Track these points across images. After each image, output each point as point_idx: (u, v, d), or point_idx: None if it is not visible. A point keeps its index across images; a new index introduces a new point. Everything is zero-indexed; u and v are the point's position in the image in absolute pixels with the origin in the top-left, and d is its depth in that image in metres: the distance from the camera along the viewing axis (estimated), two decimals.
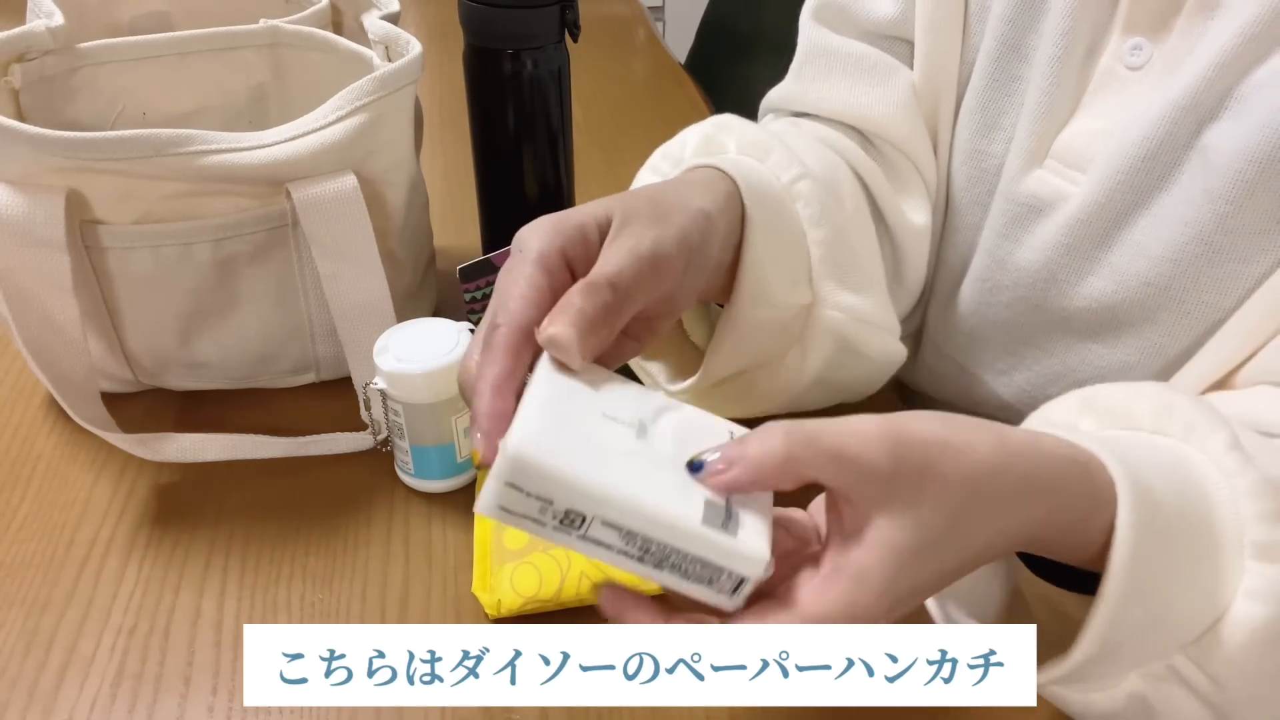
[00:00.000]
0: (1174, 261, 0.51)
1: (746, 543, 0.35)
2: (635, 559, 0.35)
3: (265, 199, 0.61)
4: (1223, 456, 0.39)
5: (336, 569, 0.57)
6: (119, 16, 0.77)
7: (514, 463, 0.34)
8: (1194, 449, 0.40)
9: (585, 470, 0.34)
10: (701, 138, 0.56)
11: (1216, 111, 0.48)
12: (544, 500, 0.34)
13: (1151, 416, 0.42)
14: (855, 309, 0.54)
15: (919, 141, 0.63)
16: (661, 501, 0.35)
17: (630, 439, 0.37)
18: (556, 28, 0.68)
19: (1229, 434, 0.39)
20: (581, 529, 0.35)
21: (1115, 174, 0.52)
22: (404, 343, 0.59)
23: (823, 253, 0.52)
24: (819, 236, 0.52)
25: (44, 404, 0.69)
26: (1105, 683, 0.41)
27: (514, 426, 0.35)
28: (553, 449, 0.34)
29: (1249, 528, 0.38)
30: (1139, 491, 0.37)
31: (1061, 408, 0.44)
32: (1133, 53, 0.52)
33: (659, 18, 2.29)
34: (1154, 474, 0.38)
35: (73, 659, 0.52)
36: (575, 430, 0.36)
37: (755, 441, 0.35)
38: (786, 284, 0.52)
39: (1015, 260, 0.59)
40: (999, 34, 0.57)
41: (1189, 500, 0.38)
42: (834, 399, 0.61)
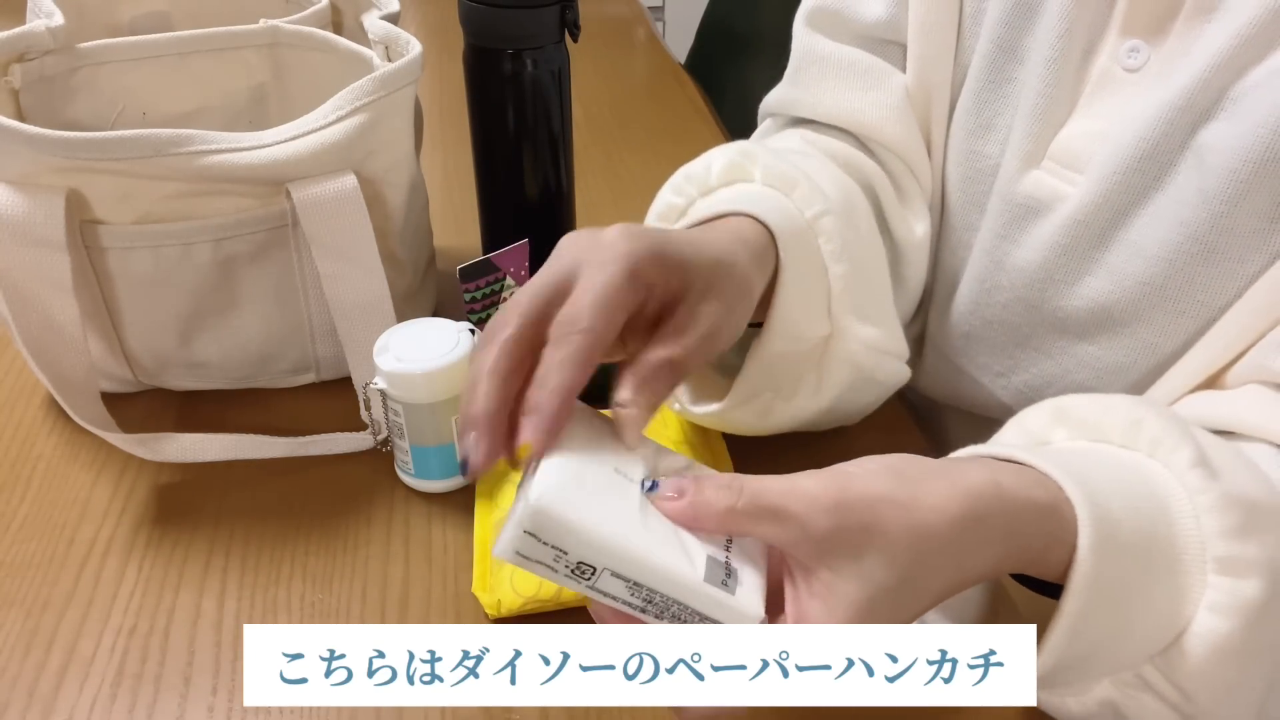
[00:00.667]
0: (1169, 261, 0.51)
1: (743, 600, 0.37)
2: (639, 609, 0.37)
3: (265, 199, 0.61)
4: (1186, 473, 0.40)
5: (336, 569, 0.57)
6: (119, 16, 0.77)
7: (535, 515, 0.36)
8: (1159, 464, 0.41)
9: (599, 526, 0.36)
10: (728, 163, 0.56)
11: (1212, 112, 0.48)
12: (559, 550, 0.36)
13: (1121, 431, 0.42)
14: (873, 340, 0.55)
15: (913, 145, 0.63)
16: (668, 559, 0.36)
17: (639, 495, 0.38)
18: (556, 28, 0.68)
19: (1194, 450, 0.40)
20: (591, 579, 0.37)
21: (1112, 174, 0.52)
22: (404, 343, 0.59)
23: (843, 286, 0.53)
24: (840, 271, 0.53)
25: (44, 404, 0.69)
26: (1075, 689, 0.41)
27: (537, 476, 0.37)
28: (572, 503, 0.36)
29: (1211, 543, 0.39)
30: (1098, 514, 0.38)
31: (1036, 417, 0.45)
32: (1130, 54, 0.53)
33: (659, 18, 2.29)
34: (1114, 494, 0.39)
35: (73, 659, 0.52)
36: (592, 484, 0.37)
37: (709, 486, 0.37)
38: (810, 319, 0.53)
39: (1013, 261, 0.59)
40: (994, 36, 0.57)
41: (1149, 518, 0.39)
42: (839, 421, 0.63)
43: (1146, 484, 0.40)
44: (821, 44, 0.64)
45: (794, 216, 0.52)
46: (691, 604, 0.37)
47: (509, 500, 0.58)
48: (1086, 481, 0.39)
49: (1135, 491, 0.40)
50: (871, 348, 0.55)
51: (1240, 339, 0.49)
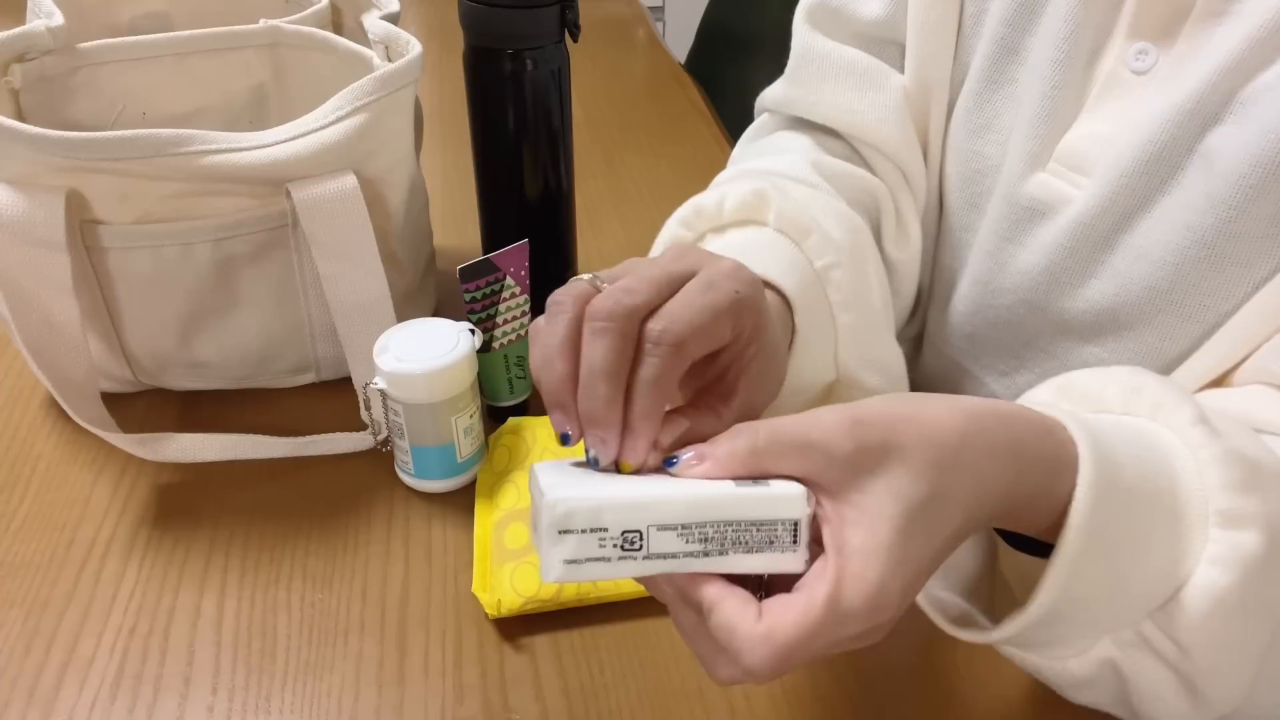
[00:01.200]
0: (1175, 265, 0.51)
1: (779, 487, 0.37)
2: (700, 554, 0.37)
3: (265, 199, 0.61)
4: (1188, 430, 0.40)
5: (336, 569, 0.57)
6: (119, 16, 0.77)
7: (554, 510, 0.36)
8: (1160, 425, 0.41)
9: (624, 491, 0.36)
10: (740, 202, 0.55)
11: (1220, 116, 0.48)
12: (600, 531, 0.36)
13: (1121, 398, 0.43)
14: (876, 388, 0.55)
15: (909, 148, 0.63)
16: (696, 489, 0.37)
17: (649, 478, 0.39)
18: (556, 28, 0.68)
19: (1194, 410, 0.40)
20: (642, 547, 0.36)
21: (1119, 177, 0.52)
22: (404, 343, 0.59)
23: (850, 337, 0.54)
24: (848, 321, 0.54)
25: (44, 404, 0.69)
26: (1075, 646, 0.41)
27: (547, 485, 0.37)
28: (585, 487, 0.37)
29: (1214, 496, 0.39)
30: (1100, 451, 0.38)
31: (1040, 394, 0.46)
32: (1138, 57, 0.52)
33: (659, 18, 2.29)
34: (1117, 440, 0.39)
35: (73, 659, 0.52)
36: (597, 479, 0.38)
37: (724, 440, 0.37)
38: (816, 370, 0.54)
39: (1017, 262, 0.59)
40: (996, 35, 0.57)
41: (1152, 467, 0.39)
42: None
43: (1149, 441, 0.40)
44: (821, 42, 0.65)
45: (805, 270, 0.53)
46: (738, 514, 0.36)
47: (509, 500, 0.58)
48: (1087, 424, 0.39)
49: (1138, 444, 0.40)
50: (870, 392, 0.55)
51: (1244, 344, 0.49)
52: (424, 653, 0.53)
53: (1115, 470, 0.38)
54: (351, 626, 0.54)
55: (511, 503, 0.58)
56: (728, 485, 0.37)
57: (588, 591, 0.54)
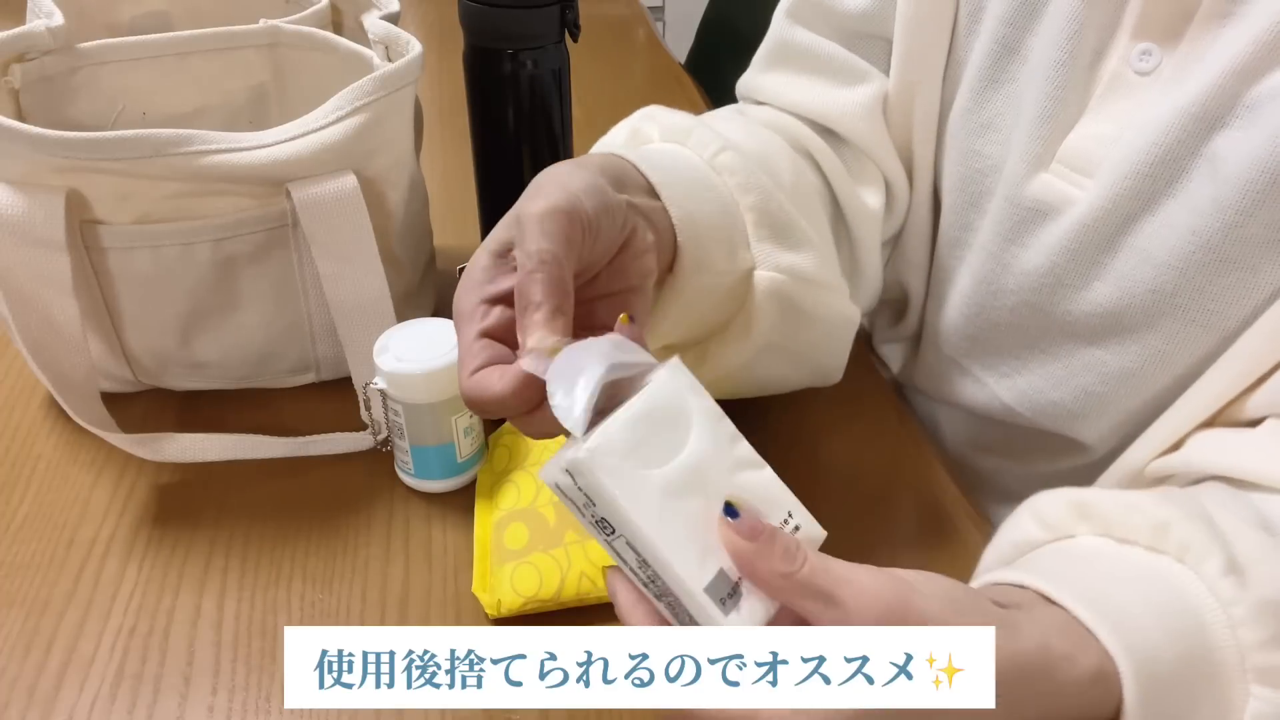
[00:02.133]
0: (1180, 270, 0.51)
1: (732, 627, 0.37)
2: (643, 583, 0.38)
3: (265, 199, 0.61)
4: (1218, 581, 0.39)
5: (336, 569, 0.57)
6: (119, 16, 0.77)
7: (575, 463, 0.36)
8: (1189, 571, 0.40)
9: (629, 499, 0.37)
10: (629, 131, 0.57)
11: (1227, 119, 0.48)
12: (589, 500, 0.37)
13: (1148, 534, 0.42)
14: (794, 267, 0.54)
15: (879, 144, 0.63)
16: (679, 553, 0.37)
17: (697, 482, 0.38)
18: (556, 28, 0.68)
19: (1223, 557, 0.40)
20: (611, 536, 0.37)
21: (1123, 179, 0.52)
22: (404, 343, 0.59)
23: (756, 217, 0.53)
24: (750, 202, 0.53)
25: (44, 404, 0.69)
26: None
27: (601, 428, 0.37)
28: (615, 469, 0.37)
29: (1250, 655, 0.38)
30: (1139, 660, 0.37)
31: (1054, 509, 0.44)
32: (1142, 58, 0.52)
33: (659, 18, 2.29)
34: (1152, 623, 0.38)
35: (73, 659, 0.52)
36: (647, 455, 0.38)
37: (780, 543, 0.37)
38: (724, 251, 0.52)
39: (1019, 264, 0.59)
40: (996, 34, 0.57)
41: (1186, 640, 0.39)
42: (802, 372, 0.61)
43: (1180, 598, 0.40)
44: (799, 35, 0.65)
45: (690, 160, 0.53)
46: (685, 605, 0.37)
47: (509, 500, 0.58)
48: (1126, 623, 0.38)
49: (1170, 610, 0.39)
50: (795, 275, 0.54)
51: (1259, 364, 0.49)
52: None
53: (1155, 668, 0.37)
54: (351, 626, 0.54)
55: (511, 503, 0.58)
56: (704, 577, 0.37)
57: (588, 591, 0.54)
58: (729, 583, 0.37)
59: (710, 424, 0.39)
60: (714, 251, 0.52)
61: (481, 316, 0.43)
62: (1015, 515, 0.46)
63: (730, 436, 0.40)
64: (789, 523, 0.39)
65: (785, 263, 0.54)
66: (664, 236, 0.50)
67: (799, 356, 0.59)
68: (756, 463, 0.40)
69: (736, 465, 0.39)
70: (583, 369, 0.37)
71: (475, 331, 0.42)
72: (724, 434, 0.40)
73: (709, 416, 0.39)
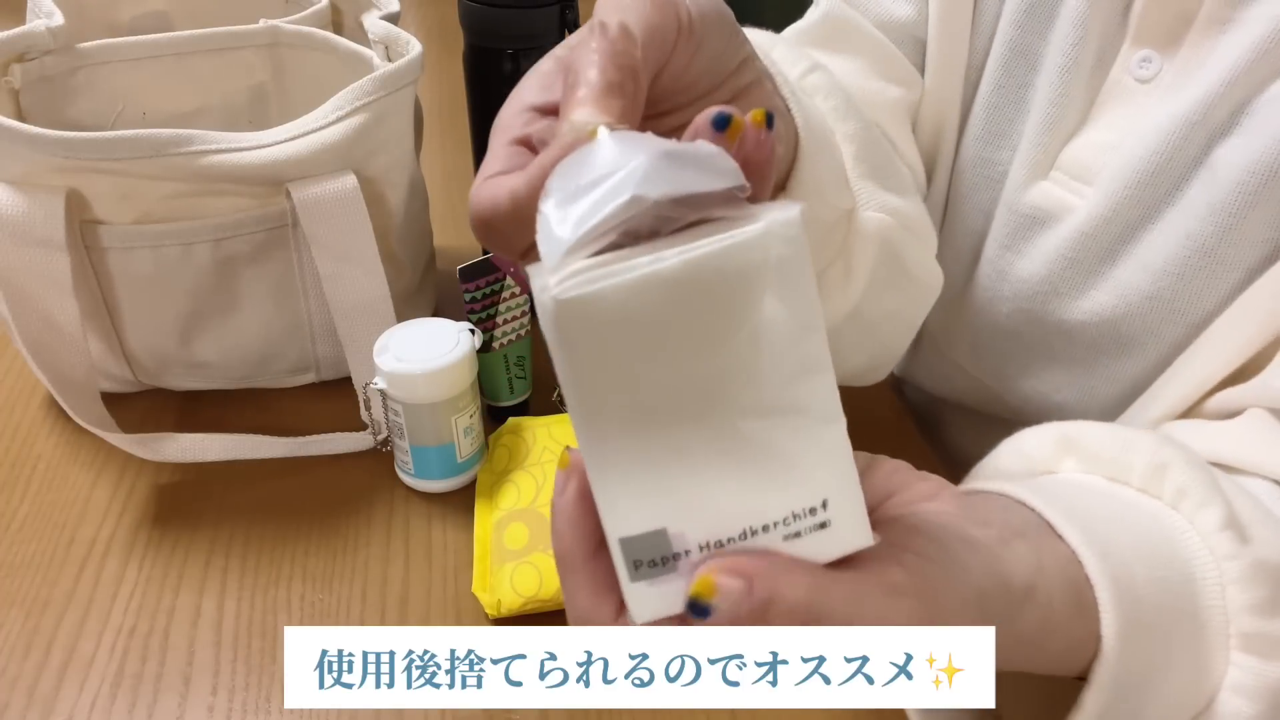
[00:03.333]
0: (1177, 275, 0.50)
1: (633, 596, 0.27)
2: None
3: (265, 199, 0.61)
4: (1213, 535, 0.37)
5: (336, 569, 0.57)
6: (119, 16, 0.77)
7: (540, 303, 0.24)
8: (1183, 519, 0.38)
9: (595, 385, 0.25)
10: None
11: (1227, 128, 0.47)
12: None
13: (1142, 474, 0.39)
14: (899, 211, 0.47)
15: (904, 144, 0.62)
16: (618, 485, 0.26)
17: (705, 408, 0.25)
18: (556, 28, 0.68)
19: (1223, 509, 0.37)
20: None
21: (1123, 188, 0.51)
22: (404, 343, 0.59)
23: (856, 148, 0.47)
24: (849, 130, 0.47)
25: (44, 404, 0.69)
26: None
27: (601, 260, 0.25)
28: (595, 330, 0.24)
29: (1236, 618, 0.36)
30: (1124, 599, 0.34)
31: (1038, 444, 0.41)
32: (1142, 65, 0.52)
33: None
34: (1138, 565, 0.35)
35: (73, 659, 0.52)
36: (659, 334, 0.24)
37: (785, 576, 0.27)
38: (835, 178, 0.45)
39: (1017, 271, 0.58)
40: (1008, 40, 0.56)
41: (1173, 592, 0.36)
42: (865, 356, 0.57)
43: (1171, 546, 0.37)
44: (851, 15, 0.60)
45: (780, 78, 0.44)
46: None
47: (509, 500, 0.58)
48: (1112, 555, 0.35)
49: (1159, 556, 0.36)
50: (901, 220, 0.48)
51: (1239, 353, 0.48)
52: None
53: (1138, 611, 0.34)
54: (351, 626, 0.54)
55: (511, 503, 0.58)
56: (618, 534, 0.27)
57: None
58: (663, 549, 0.26)
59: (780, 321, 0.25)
60: (826, 175, 0.43)
61: (524, 124, 0.32)
62: (996, 450, 0.42)
63: (801, 363, 0.25)
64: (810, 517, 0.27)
65: (891, 204, 0.47)
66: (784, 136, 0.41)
67: (875, 329, 0.54)
68: (825, 414, 0.26)
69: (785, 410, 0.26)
70: (613, 171, 0.24)
71: (509, 138, 0.32)
72: (793, 353, 0.25)
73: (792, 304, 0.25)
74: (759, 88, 0.36)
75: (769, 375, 0.25)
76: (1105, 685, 0.34)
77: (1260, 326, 0.47)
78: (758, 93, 0.36)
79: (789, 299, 0.24)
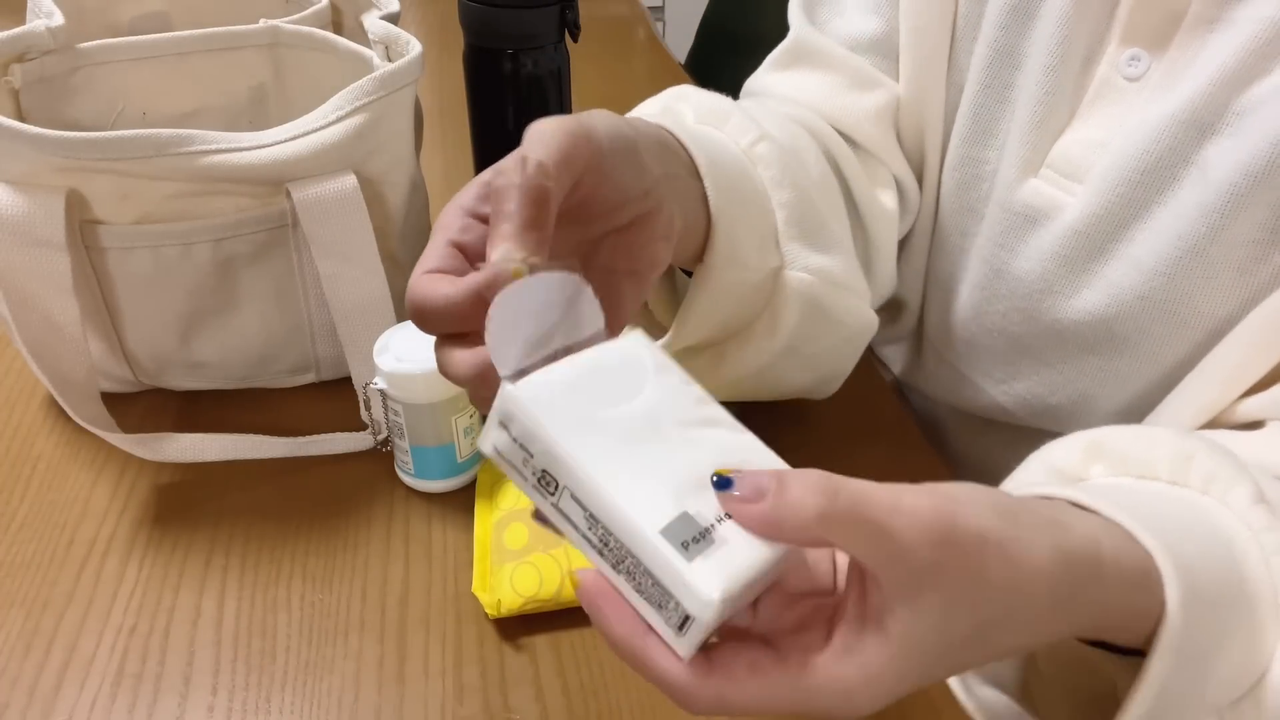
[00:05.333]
0: (1168, 276, 0.50)
1: (700, 574, 0.30)
2: (596, 550, 0.32)
3: (265, 199, 0.61)
4: (1247, 511, 0.37)
5: (336, 569, 0.57)
6: (119, 17, 0.77)
7: (505, 399, 0.32)
8: (1214, 501, 0.38)
9: (568, 432, 0.31)
10: (660, 109, 0.56)
11: (1216, 127, 0.48)
12: (526, 452, 0.32)
13: (1168, 466, 0.40)
14: (823, 270, 0.52)
15: (890, 150, 0.63)
16: (632, 493, 0.31)
17: (653, 429, 0.33)
18: (556, 28, 0.68)
19: (1252, 486, 0.38)
20: (555, 497, 0.32)
21: (1114, 186, 0.51)
22: (404, 343, 0.59)
23: (787, 214, 0.52)
24: (783, 198, 0.52)
25: (44, 404, 0.69)
26: None
27: (538, 373, 0.33)
28: (551, 403, 0.32)
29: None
30: (1182, 570, 0.35)
31: (1066, 454, 0.42)
32: (1130, 63, 0.52)
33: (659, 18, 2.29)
34: (1187, 542, 0.36)
35: (73, 659, 0.52)
36: (595, 398, 0.33)
37: (796, 483, 0.31)
38: (755, 246, 0.51)
39: (1012, 270, 0.59)
40: (991, 41, 0.57)
41: (1221, 564, 0.36)
42: (810, 377, 0.60)
43: (1209, 525, 0.37)
44: (816, 37, 0.64)
45: (725, 144, 0.51)
46: (640, 556, 0.30)
47: (509, 500, 0.58)
48: (1165, 533, 0.35)
49: (1202, 535, 0.37)
50: (824, 278, 0.52)
51: (1248, 370, 0.48)
52: (424, 652, 0.53)
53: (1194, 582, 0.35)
54: (351, 626, 0.54)
55: (511, 503, 0.58)
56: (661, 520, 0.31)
57: None
58: (696, 527, 0.31)
59: (672, 381, 0.34)
60: (746, 245, 0.50)
61: (460, 230, 0.38)
62: (1024, 464, 0.44)
63: (697, 398, 0.34)
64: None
65: (815, 264, 0.52)
66: (694, 223, 0.47)
67: (814, 360, 0.58)
68: (734, 425, 0.34)
69: (706, 423, 0.34)
70: (535, 308, 0.33)
71: (445, 239, 0.38)
72: (689, 393, 0.34)
73: (671, 374, 0.34)
74: (654, 216, 0.42)
75: (681, 406, 0.34)
76: (1169, 651, 0.34)
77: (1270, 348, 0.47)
78: (654, 220, 0.42)
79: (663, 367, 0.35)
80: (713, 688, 0.31)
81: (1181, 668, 0.35)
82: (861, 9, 0.63)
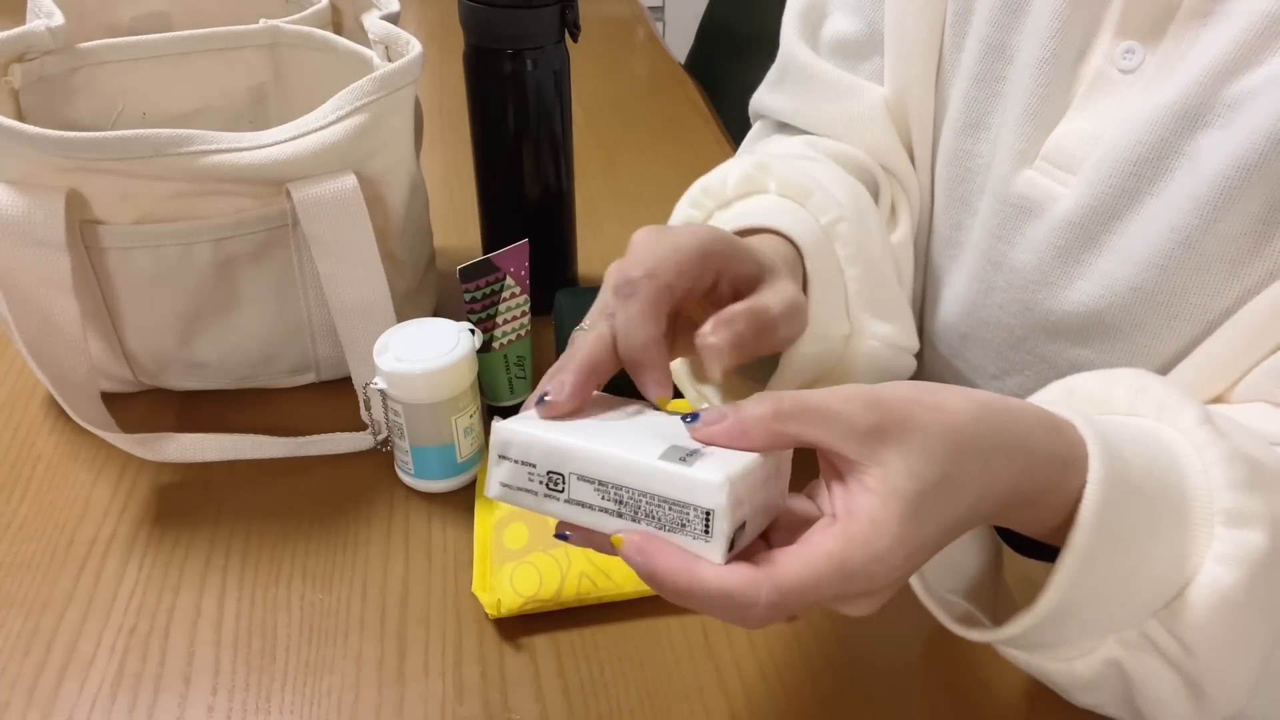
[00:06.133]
0: (1161, 268, 0.51)
1: (701, 471, 0.36)
2: (614, 514, 0.37)
3: (265, 199, 0.61)
4: (1194, 430, 0.40)
5: (336, 569, 0.57)
6: (119, 17, 0.77)
7: (497, 434, 0.38)
8: (1166, 425, 0.42)
9: (562, 432, 0.38)
10: (742, 176, 0.57)
11: (1209, 118, 0.48)
12: (529, 465, 0.38)
13: (1126, 399, 0.43)
14: (888, 336, 0.56)
15: (892, 149, 0.64)
16: (626, 447, 0.37)
17: (630, 424, 0.40)
18: (556, 28, 0.68)
19: (1199, 410, 0.41)
20: (564, 490, 0.38)
21: (1107, 178, 0.52)
22: (404, 343, 0.59)
23: (859, 287, 0.55)
24: (855, 273, 0.55)
25: (44, 404, 0.69)
26: (1080, 646, 0.41)
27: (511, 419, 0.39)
28: (534, 422, 0.39)
29: (1219, 495, 0.39)
30: (1109, 450, 0.38)
31: (1048, 395, 0.46)
32: (1125, 56, 0.53)
33: (659, 18, 2.29)
34: (1125, 439, 0.39)
35: (73, 659, 0.52)
36: (577, 419, 0.40)
37: (749, 402, 0.37)
38: (832, 319, 0.54)
39: (1009, 261, 0.59)
40: (982, 35, 0.58)
41: (1160, 467, 0.40)
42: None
43: (1156, 440, 0.41)
44: (802, 51, 0.67)
45: (812, 226, 0.54)
46: (650, 487, 0.36)
47: None
48: (1097, 422, 0.39)
49: (1146, 443, 0.40)
50: (888, 343, 0.56)
51: (1236, 364, 0.49)
52: (424, 652, 0.53)
53: (1124, 468, 0.38)
54: (351, 626, 0.54)
55: None
56: (655, 452, 0.37)
57: (588, 591, 0.54)
58: (685, 450, 0.37)
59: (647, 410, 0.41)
60: (826, 318, 0.54)
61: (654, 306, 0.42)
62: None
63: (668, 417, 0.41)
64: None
65: (881, 332, 0.56)
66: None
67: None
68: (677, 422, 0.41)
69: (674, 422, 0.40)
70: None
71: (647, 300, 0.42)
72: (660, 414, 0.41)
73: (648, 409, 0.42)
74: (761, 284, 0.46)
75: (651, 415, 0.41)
76: (1090, 524, 0.37)
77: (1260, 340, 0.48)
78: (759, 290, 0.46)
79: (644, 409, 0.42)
80: (765, 581, 0.34)
81: (1106, 547, 0.38)
82: (845, 9, 0.65)
